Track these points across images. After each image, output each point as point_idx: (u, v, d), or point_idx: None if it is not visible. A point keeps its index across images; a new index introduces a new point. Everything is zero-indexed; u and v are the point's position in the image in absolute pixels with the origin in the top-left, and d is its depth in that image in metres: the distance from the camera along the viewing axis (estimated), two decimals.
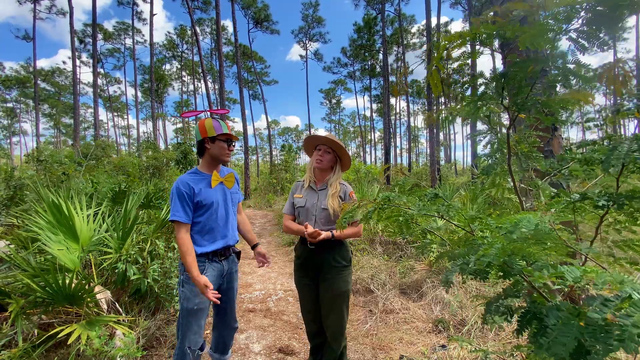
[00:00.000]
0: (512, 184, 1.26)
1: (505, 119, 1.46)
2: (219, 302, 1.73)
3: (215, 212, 1.87)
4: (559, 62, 1.04)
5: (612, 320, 0.66)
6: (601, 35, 0.91)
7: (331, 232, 1.94)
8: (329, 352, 2.03)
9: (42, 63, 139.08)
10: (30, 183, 5.04)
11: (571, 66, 1.00)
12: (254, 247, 2.20)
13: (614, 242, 1.01)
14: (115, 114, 46.28)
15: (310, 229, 1.91)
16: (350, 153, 2.41)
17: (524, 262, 0.93)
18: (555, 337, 0.69)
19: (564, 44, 1.01)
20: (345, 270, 1.99)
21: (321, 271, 2.00)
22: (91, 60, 20.51)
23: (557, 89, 1.20)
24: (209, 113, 2.04)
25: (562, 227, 1.07)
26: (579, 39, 0.94)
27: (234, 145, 1.97)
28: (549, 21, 0.93)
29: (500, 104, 1.14)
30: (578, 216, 1.03)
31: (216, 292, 1.72)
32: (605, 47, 0.94)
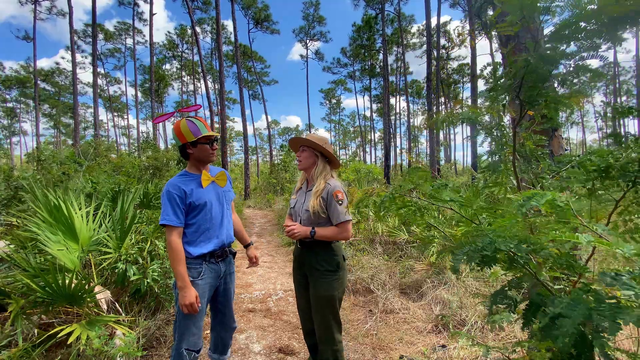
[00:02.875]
0: (515, 182, 1.26)
1: (506, 119, 1.46)
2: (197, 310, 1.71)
3: (209, 212, 1.85)
4: (569, 60, 1.05)
5: (620, 298, 0.65)
6: (600, 43, 0.93)
7: (312, 229, 1.89)
8: (319, 355, 2.02)
9: (43, 63, 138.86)
10: (25, 184, 5.02)
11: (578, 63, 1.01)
12: (246, 246, 2.23)
13: (626, 230, 0.99)
14: (115, 114, 46.24)
15: (288, 223, 1.95)
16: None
17: (529, 256, 0.93)
18: (564, 309, 0.67)
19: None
20: (330, 275, 1.91)
21: (308, 272, 2.00)
22: (90, 60, 20.49)
23: (559, 88, 1.20)
24: (179, 113, 2.02)
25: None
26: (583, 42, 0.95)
27: (217, 143, 1.93)
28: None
29: (516, 97, 1.15)
30: (594, 200, 1.01)
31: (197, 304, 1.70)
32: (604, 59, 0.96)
